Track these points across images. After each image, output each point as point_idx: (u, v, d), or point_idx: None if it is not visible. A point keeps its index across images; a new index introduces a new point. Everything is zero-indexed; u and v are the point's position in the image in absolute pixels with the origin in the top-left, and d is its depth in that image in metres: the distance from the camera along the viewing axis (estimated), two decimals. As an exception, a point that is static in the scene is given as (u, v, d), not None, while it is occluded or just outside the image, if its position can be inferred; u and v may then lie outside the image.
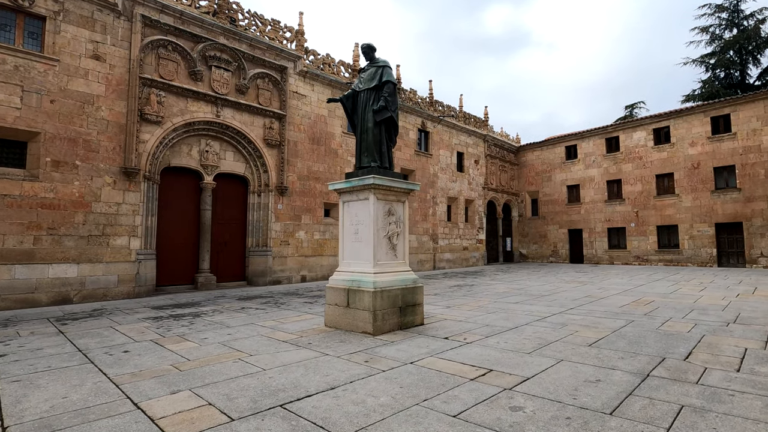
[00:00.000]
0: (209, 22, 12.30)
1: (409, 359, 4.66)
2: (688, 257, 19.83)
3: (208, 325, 6.88)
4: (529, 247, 25.94)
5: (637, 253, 21.47)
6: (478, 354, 4.83)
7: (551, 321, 6.78)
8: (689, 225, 19.89)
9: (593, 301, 9.04)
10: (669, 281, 13.13)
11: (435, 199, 20.24)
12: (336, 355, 4.90)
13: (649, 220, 21.13)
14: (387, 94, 6.64)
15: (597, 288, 11.50)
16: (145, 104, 11.07)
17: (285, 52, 14.21)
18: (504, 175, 25.45)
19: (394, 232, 6.57)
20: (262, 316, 7.69)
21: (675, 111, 20.51)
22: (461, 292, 11.15)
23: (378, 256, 6.31)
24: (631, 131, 22.03)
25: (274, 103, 14.02)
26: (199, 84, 12.21)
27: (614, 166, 22.56)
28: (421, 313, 6.66)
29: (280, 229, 13.99)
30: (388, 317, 6.11)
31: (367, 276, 6.22)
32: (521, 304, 8.66)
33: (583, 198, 23.65)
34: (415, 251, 18.95)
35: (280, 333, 6.18)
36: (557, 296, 9.90)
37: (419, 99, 19.78)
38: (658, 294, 10.02)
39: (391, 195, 6.57)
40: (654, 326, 6.23)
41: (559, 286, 12.27)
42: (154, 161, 11.32)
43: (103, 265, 10.25)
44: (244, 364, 4.58)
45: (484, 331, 6.07)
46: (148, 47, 11.23)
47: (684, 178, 20.15)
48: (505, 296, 10.04)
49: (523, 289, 11.62)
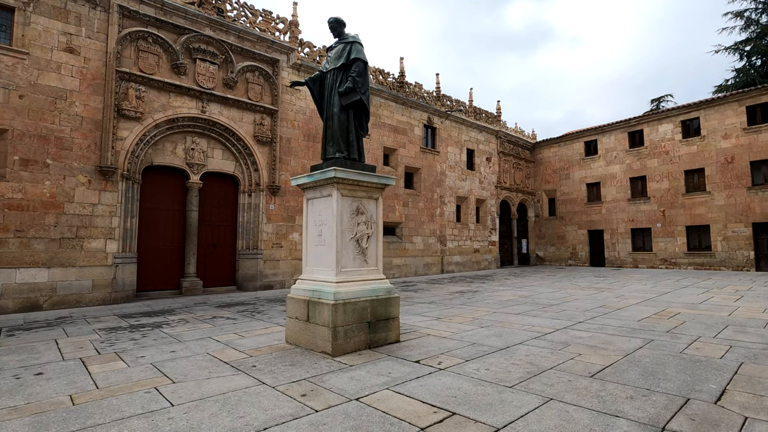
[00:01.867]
0: (193, 12, 11.66)
1: (358, 393, 3.72)
2: (722, 260, 18.10)
3: (158, 339, 6.11)
4: (546, 249, 24.49)
5: (663, 256, 19.80)
6: (447, 386, 3.85)
7: (552, 339, 5.71)
8: (723, 225, 18.16)
9: (608, 312, 7.87)
10: (699, 288, 11.72)
11: (443, 198, 19.16)
12: (273, 384, 4.00)
13: (677, 219, 19.46)
14: (355, 74, 5.72)
15: (615, 296, 10.25)
16: (123, 99, 10.48)
17: (277, 44, 13.47)
18: (519, 173, 24.11)
19: (364, 234, 5.64)
20: (227, 329, 6.89)
21: (705, 101, 18.82)
22: (461, 300, 10.10)
23: (342, 262, 5.39)
24: (657, 124, 20.38)
25: (265, 97, 13.29)
26: (183, 78, 11.58)
27: (638, 161, 20.95)
28: (396, 329, 5.70)
29: (272, 231, 13.24)
30: (352, 334, 5.18)
31: (328, 286, 5.30)
32: (523, 316, 7.58)
33: (604, 197, 22.09)
34: (421, 254, 17.92)
35: (231, 351, 5.33)
36: (567, 306, 8.75)
37: (425, 93, 18.77)
38: (685, 304, 8.73)
39: (359, 191, 5.65)
40: (677, 348, 5.09)
41: (572, 293, 11.06)
42: (134, 160, 10.72)
43: (76, 270, 9.68)
44: (155, 395, 3.73)
45: (466, 353, 5.06)
46: (127, 39, 10.64)
47: (716, 173, 18.43)
48: (507, 305, 8.95)
49: (530, 296, 10.48)
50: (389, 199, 16.68)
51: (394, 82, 17.54)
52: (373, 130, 16.38)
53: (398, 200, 17.11)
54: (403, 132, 17.58)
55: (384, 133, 16.80)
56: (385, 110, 16.90)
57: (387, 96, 16.88)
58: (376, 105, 16.56)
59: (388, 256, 16.49)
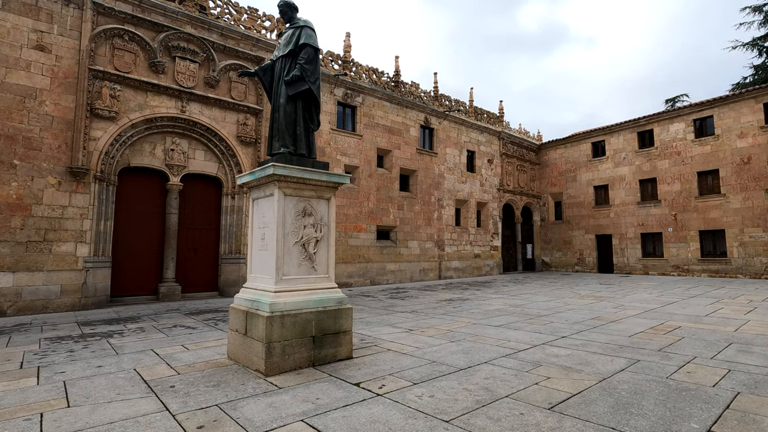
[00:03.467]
0: (173, 9, 11.33)
1: (264, 425, 3.15)
2: (738, 267, 16.98)
3: (97, 352, 5.63)
4: (552, 254, 23.55)
5: (675, 262, 18.73)
6: (372, 419, 3.24)
7: (523, 358, 5.04)
8: (739, 230, 17.06)
9: (599, 325, 7.13)
10: (709, 298, 10.81)
11: (441, 201, 18.49)
12: (177, 411, 3.46)
13: (690, 224, 18.39)
14: (303, 61, 5.18)
15: (613, 306, 9.46)
16: (97, 98, 10.17)
17: (262, 42, 13.07)
18: (523, 175, 23.28)
19: (311, 238, 5.07)
20: (179, 339, 6.39)
21: (720, 98, 17.78)
22: (445, 309, 9.44)
23: (284, 269, 4.83)
24: (668, 123, 19.38)
25: (249, 97, 12.89)
26: (161, 77, 11.23)
27: (648, 163, 19.94)
28: (347, 344, 5.10)
29: (256, 235, 12.75)
30: (291, 351, 4.60)
31: (266, 295, 4.75)
32: (503, 329, 6.89)
33: (613, 200, 21.10)
34: (417, 259, 17.26)
35: (161, 367, 4.81)
36: (557, 317, 8.02)
37: (422, 93, 18.18)
38: (689, 317, 7.92)
39: (307, 190, 5.09)
40: (665, 372, 4.37)
41: (568, 302, 10.29)
42: (108, 160, 10.38)
43: (43, 274, 9.33)
44: (31, 424, 3.22)
45: (419, 374, 4.44)
46: (101, 37, 10.34)
47: (731, 175, 17.35)
48: (492, 316, 8.27)
49: (522, 306, 9.76)
50: (383, 201, 16.11)
51: (389, 81, 17.00)
52: (365, 131, 15.86)
53: (393, 203, 16.51)
54: (398, 133, 17.01)
55: (378, 134, 16.26)
56: (378, 110, 16.37)
57: (381, 96, 16.35)
58: (369, 105, 16.04)
59: (381, 261, 15.89)
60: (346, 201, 14.99)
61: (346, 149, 15.14)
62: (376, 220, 15.90)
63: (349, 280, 14.81)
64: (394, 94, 16.83)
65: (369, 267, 15.47)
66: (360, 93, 15.73)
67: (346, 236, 14.93)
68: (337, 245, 14.59)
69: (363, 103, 15.86)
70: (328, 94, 14.77)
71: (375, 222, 15.84)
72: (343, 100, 15.23)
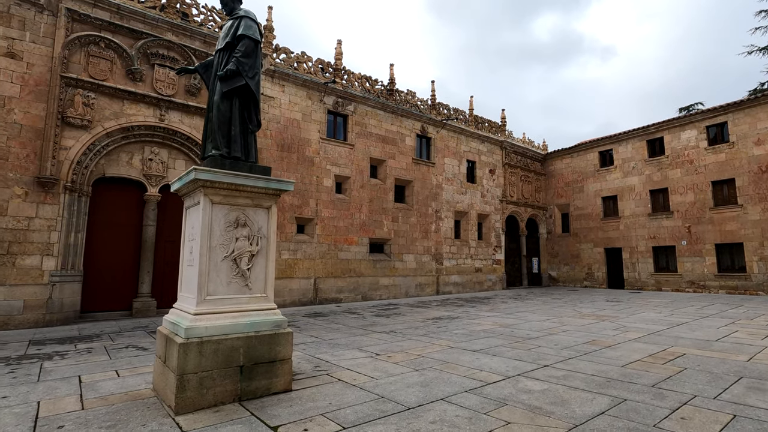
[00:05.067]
0: (153, 17, 11.06)
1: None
2: (759, 284, 15.77)
3: (19, 378, 5.08)
4: (559, 268, 22.50)
5: (690, 278, 17.55)
6: (263, 483, 2.56)
7: (488, 394, 4.29)
8: (758, 243, 15.90)
9: (591, 351, 6.31)
10: (724, 318, 9.81)
11: (439, 213, 17.77)
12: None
13: (705, 236, 17.26)
14: (240, 54, 4.65)
15: (614, 328, 8.58)
16: (69, 106, 9.86)
17: (248, 49, 12.71)
18: (527, 186, 22.43)
19: (245, 252, 4.45)
20: (118, 363, 5.81)
21: (734, 103, 16.80)
22: (428, 329, 8.69)
23: (209, 288, 4.22)
24: (679, 130, 18.41)
25: (233, 105, 12.49)
26: (139, 84, 10.92)
27: (659, 172, 18.93)
28: (285, 374, 4.43)
29: (238, 248, 12.22)
30: (211, 384, 3.96)
31: (185, 318, 4.14)
32: (481, 355, 6.13)
33: (622, 211, 20.07)
34: (413, 273, 16.50)
35: (70, 400, 4.21)
36: (547, 340, 7.21)
37: (418, 101, 17.64)
38: (697, 341, 7.02)
39: (240, 197, 4.50)
40: (654, 417, 3.58)
41: (565, 322, 9.42)
42: (81, 170, 10.02)
43: (5, 289, 8.90)
44: None
45: (358, 413, 3.74)
46: (76, 44, 10.08)
47: (749, 184, 16.26)
48: (475, 338, 7.49)
49: (513, 326, 8.94)
50: (376, 213, 15.48)
51: (383, 89, 16.52)
52: (358, 141, 15.34)
53: (387, 215, 15.86)
54: (393, 142, 16.45)
55: (371, 144, 15.72)
56: (372, 119, 15.86)
57: (374, 104, 15.86)
58: (361, 114, 15.55)
59: (374, 275, 15.19)
60: (336, 212, 14.41)
61: (336, 159, 14.62)
62: (369, 233, 15.25)
63: (338, 295, 14.13)
64: (389, 103, 16.32)
65: (360, 282, 14.78)
66: (352, 101, 15.26)
67: (336, 249, 14.30)
68: (326, 259, 13.98)
69: (355, 111, 15.38)
70: (317, 103, 14.33)
71: (367, 234, 15.20)
72: (334, 108, 14.77)
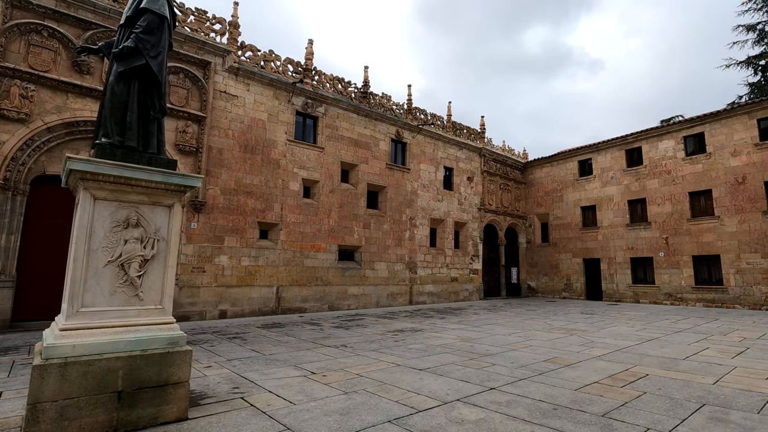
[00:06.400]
0: (104, 6, 10.43)
1: None
2: (736, 297, 15.50)
3: None
4: (538, 279, 22.09)
5: (668, 290, 17.24)
6: None
7: (413, 425, 3.70)
8: (735, 255, 15.66)
9: (548, 371, 5.76)
10: (697, 333, 9.39)
11: (413, 220, 17.24)
12: None
13: (683, 248, 17.00)
14: (141, 30, 4.07)
15: (580, 343, 8.07)
16: (5, 98, 9.14)
17: (210, 45, 12.15)
18: (507, 194, 22.07)
19: (135, 257, 3.83)
20: (12, 383, 5.10)
21: (711, 114, 16.68)
22: (384, 343, 8.08)
23: (85, 298, 3.60)
24: (657, 140, 18.24)
25: (192, 103, 11.88)
26: (86, 77, 10.25)
27: (637, 182, 18.71)
28: (179, 400, 3.78)
29: (193, 253, 11.53)
30: (77, 414, 3.31)
31: (50, 334, 3.50)
32: (426, 374, 5.54)
33: (601, 221, 19.79)
34: (385, 282, 15.90)
35: None
36: (505, 357, 6.65)
37: (393, 105, 17.19)
38: (663, 360, 6.53)
39: (133, 193, 3.90)
40: (593, 459, 3.03)
41: (532, 336, 8.89)
42: (17, 167, 9.28)
43: None
44: None
45: (245, 452, 3.12)
46: (15, 32, 9.40)
47: (725, 195, 16.07)
48: (429, 354, 6.91)
49: (475, 340, 8.38)
50: (346, 219, 14.88)
51: (357, 92, 16.05)
52: (328, 144, 14.79)
53: (358, 221, 15.28)
54: (366, 146, 15.93)
55: (342, 147, 15.18)
56: (344, 122, 15.34)
57: (346, 106, 15.36)
58: (332, 116, 15.03)
59: (342, 284, 14.55)
60: (303, 218, 13.78)
61: (304, 162, 14.03)
62: (338, 240, 14.64)
63: (303, 305, 13.45)
64: (362, 106, 15.83)
65: (328, 290, 14.12)
66: (323, 103, 14.74)
67: (302, 256, 13.65)
68: (290, 266, 13.32)
69: (326, 113, 14.84)
70: (285, 103, 13.77)
71: (336, 241, 14.58)
72: (303, 109, 14.22)
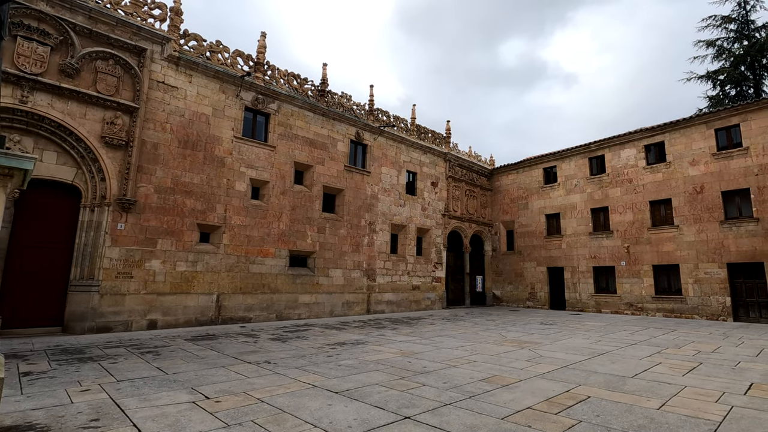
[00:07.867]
0: (19, -19, 9.37)
1: None
2: (694, 307, 15.41)
3: None
4: (503, 288, 21.70)
5: (629, 300, 17.07)
6: None
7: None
8: (693, 265, 15.61)
9: (481, 393, 5.09)
10: (651, 346, 8.97)
11: (373, 225, 16.53)
12: None
13: (643, 257, 16.89)
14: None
15: (528, 357, 7.47)
16: None
17: (146, 30, 11.19)
18: (473, 201, 21.67)
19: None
20: None
21: (670, 122, 16.71)
22: (315, 358, 7.27)
23: None
24: (619, 149, 18.20)
25: (124, 92, 10.86)
26: (-6, 58, 9.13)
27: (600, 190, 18.61)
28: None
29: (119, 257, 10.45)
30: None
31: None
32: (339, 399, 4.77)
33: (565, 229, 19.58)
34: (341, 290, 15.08)
35: None
36: (440, 375, 5.96)
37: (354, 105, 16.53)
38: (610, 379, 5.97)
39: (-72, 175, 3.00)
40: None
41: (479, 350, 8.26)
42: None
43: None
44: None
45: None
46: None
47: (684, 204, 16.06)
48: (356, 372, 6.15)
49: (417, 354, 7.68)
50: (299, 223, 14.03)
51: (314, 89, 15.31)
52: (280, 142, 13.95)
53: (312, 225, 14.45)
54: (323, 147, 15.17)
55: (296, 147, 14.36)
56: (298, 120, 14.55)
57: (302, 104, 14.58)
58: (286, 114, 14.22)
59: (293, 292, 13.65)
60: (250, 220, 12.86)
61: (253, 161, 13.14)
62: (289, 244, 13.76)
63: (247, 314, 12.48)
64: (319, 104, 15.09)
65: (276, 299, 13.20)
66: (275, 99, 13.92)
67: (248, 262, 12.70)
68: (234, 272, 12.35)
69: (279, 110, 14.02)
70: (233, 98, 12.89)
71: (287, 246, 13.70)
72: (253, 105, 13.36)
